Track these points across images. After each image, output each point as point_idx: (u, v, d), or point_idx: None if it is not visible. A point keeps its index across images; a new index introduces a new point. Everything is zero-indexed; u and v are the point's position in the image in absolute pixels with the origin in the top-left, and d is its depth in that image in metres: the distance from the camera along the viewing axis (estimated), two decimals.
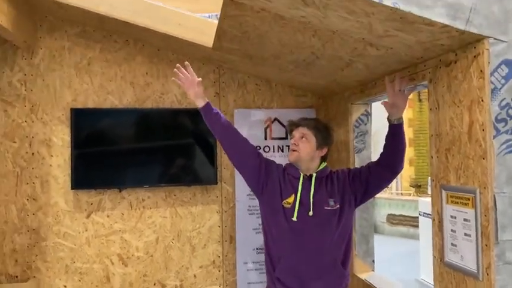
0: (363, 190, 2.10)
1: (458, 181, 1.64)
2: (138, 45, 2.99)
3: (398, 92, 1.94)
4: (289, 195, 2.07)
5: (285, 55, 2.37)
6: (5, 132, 2.82)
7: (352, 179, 2.11)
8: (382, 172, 2.08)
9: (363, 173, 2.11)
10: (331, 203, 2.05)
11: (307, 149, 2.08)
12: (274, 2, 1.66)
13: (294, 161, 2.10)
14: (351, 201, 2.10)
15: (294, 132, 2.14)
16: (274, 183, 2.11)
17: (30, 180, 2.85)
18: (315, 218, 2.02)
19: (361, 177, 2.10)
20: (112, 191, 2.94)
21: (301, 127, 2.12)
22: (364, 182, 2.09)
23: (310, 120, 2.19)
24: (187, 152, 3.04)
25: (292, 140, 2.12)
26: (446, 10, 1.44)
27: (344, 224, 2.07)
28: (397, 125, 2.00)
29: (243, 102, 3.12)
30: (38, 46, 2.88)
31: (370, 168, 2.11)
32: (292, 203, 2.05)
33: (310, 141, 2.09)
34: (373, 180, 2.09)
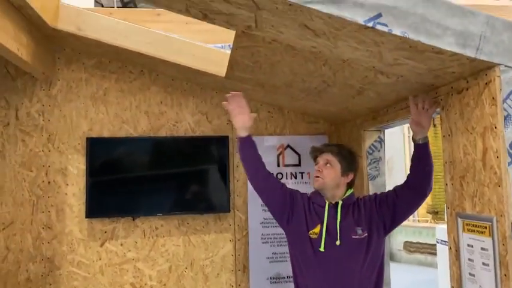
0: (391, 216, 2.03)
1: (474, 209, 1.62)
2: (152, 75, 3.06)
3: (421, 111, 1.87)
4: (315, 225, 2.02)
5: (297, 83, 2.40)
6: (23, 161, 2.88)
7: (379, 205, 2.05)
8: (409, 195, 2.00)
9: (389, 197, 2.04)
10: (359, 231, 1.99)
11: (332, 176, 2.05)
12: (285, 34, 1.69)
13: (318, 188, 2.06)
14: (380, 228, 2.03)
15: (318, 159, 2.11)
16: (300, 214, 2.07)
17: (46, 209, 2.88)
18: (342, 248, 1.96)
19: (388, 203, 2.03)
20: (126, 219, 2.96)
21: (325, 153, 2.09)
22: (392, 207, 2.02)
23: (333, 146, 2.17)
24: (200, 179, 3.05)
25: (316, 167, 2.09)
26: (455, 38, 1.45)
27: (373, 252, 1.99)
28: (422, 145, 1.93)
29: (256, 129, 3.14)
30: (56, 77, 2.97)
31: (396, 192, 2.04)
32: (318, 233, 2.00)
33: (335, 167, 2.05)
34: (400, 204, 2.01)
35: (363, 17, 1.41)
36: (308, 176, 3.12)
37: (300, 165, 3.12)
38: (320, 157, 2.10)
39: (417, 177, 1.98)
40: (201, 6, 1.64)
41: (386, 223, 2.04)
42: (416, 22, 1.43)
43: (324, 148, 2.12)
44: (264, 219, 3.04)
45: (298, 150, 3.14)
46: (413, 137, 1.96)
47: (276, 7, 1.46)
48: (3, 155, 2.86)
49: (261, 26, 1.68)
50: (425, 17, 1.44)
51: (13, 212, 2.84)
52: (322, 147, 2.14)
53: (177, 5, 1.70)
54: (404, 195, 2.01)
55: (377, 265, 2.02)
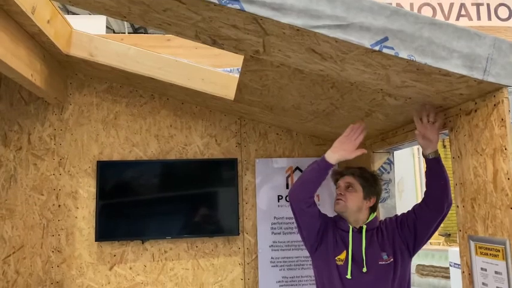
0: (413, 237, 1.98)
1: (487, 231, 1.59)
2: (162, 99, 3.10)
3: (427, 124, 1.81)
4: (340, 251, 1.98)
5: (305, 106, 2.41)
6: (34, 185, 2.91)
7: (401, 227, 2.00)
8: (428, 212, 1.93)
9: (409, 219, 1.99)
10: (385, 256, 1.94)
11: (354, 199, 2.00)
12: (292, 58, 1.72)
13: (339, 211, 2.02)
14: (404, 252, 1.98)
15: (339, 182, 2.07)
16: (328, 240, 2.02)
17: (56, 232, 2.89)
18: (369, 275, 1.91)
19: (408, 224, 1.98)
20: (135, 242, 2.95)
21: (346, 176, 2.05)
22: (413, 228, 1.97)
23: (355, 169, 2.09)
24: (209, 202, 3.05)
25: (338, 190, 2.05)
26: (462, 61, 1.46)
27: (400, 277, 1.95)
28: (433, 160, 1.86)
29: (264, 151, 3.16)
30: (68, 102, 3.02)
31: (415, 212, 1.98)
32: (344, 260, 1.95)
33: (357, 190, 2.01)
34: (421, 224, 1.96)
35: (370, 40, 1.43)
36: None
37: None
38: (341, 180, 2.05)
39: (433, 193, 1.91)
40: (210, 32, 1.68)
41: (409, 245, 1.99)
42: (422, 45, 1.44)
43: (345, 171, 2.08)
44: (273, 242, 3.02)
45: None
46: (423, 152, 1.90)
47: (283, 32, 1.49)
48: (15, 178, 2.90)
49: (269, 50, 1.71)
50: (431, 40, 1.45)
51: (23, 236, 2.86)
52: (343, 170, 2.09)
53: (187, 31, 1.74)
54: (423, 214, 1.95)
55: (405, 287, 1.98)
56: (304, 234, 2.08)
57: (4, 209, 2.86)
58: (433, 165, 1.88)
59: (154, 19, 1.70)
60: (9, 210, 2.87)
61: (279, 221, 3.04)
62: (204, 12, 1.50)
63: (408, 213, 2.03)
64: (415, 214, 1.98)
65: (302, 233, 2.09)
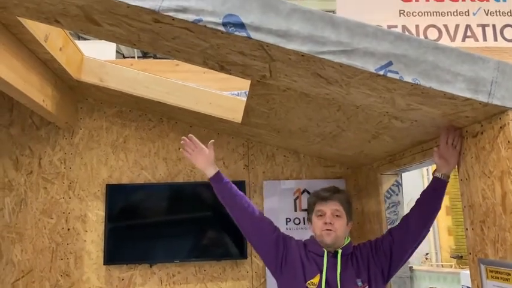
0: (389, 262, 1.88)
1: (497, 255, 1.57)
2: (171, 122, 3.14)
3: (450, 145, 1.79)
4: (314, 275, 1.84)
5: (312, 128, 2.43)
6: (44, 209, 2.94)
7: (376, 252, 1.90)
8: (409, 235, 1.86)
9: (384, 242, 1.90)
10: (360, 283, 1.84)
11: (342, 227, 1.87)
12: (298, 82, 1.75)
13: (331, 243, 1.86)
14: (378, 277, 1.88)
15: (322, 208, 1.89)
16: (295, 262, 1.88)
17: (65, 256, 2.90)
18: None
19: (384, 248, 1.89)
20: (143, 266, 2.95)
21: (331, 202, 1.88)
22: (388, 253, 1.88)
23: (340, 194, 1.94)
24: (217, 225, 3.04)
25: (323, 219, 1.87)
26: (466, 84, 1.47)
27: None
28: (442, 181, 1.82)
29: (272, 173, 3.16)
30: (78, 126, 3.07)
31: (392, 234, 1.91)
32: (317, 284, 1.82)
33: (342, 217, 1.88)
34: (397, 248, 1.87)
35: (374, 65, 1.45)
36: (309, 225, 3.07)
37: None
38: (325, 206, 1.88)
39: (425, 212, 1.86)
40: (218, 58, 1.72)
41: (384, 271, 1.90)
42: (427, 69, 1.46)
43: (329, 196, 1.90)
44: None
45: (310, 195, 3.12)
46: (435, 172, 1.85)
47: (289, 58, 1.52)
48: (26, 202, 2.93)
49: (275, 75, 1.74)
50: (435, 64, 1.47)
51: (32, 260, 2.87)
52: (329, 195, 1.90)
53: (195, 58, 1.78)
54: (401, 237, 1.88)
55: None
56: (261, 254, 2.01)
57: (14, 233, 2.89)
58: (440, 187, 1.85)
59: (163, 46, 1.75)
60: (19, 234, 2.89)
61: None
62: (212, 39, 1.54)
63: (383, 237, 1.95)
64: (392, 237, 1.90)
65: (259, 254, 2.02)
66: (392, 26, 3.53)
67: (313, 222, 1.92)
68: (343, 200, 1.92)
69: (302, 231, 3.05)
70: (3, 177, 2.95)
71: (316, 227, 1.90)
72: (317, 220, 1.89)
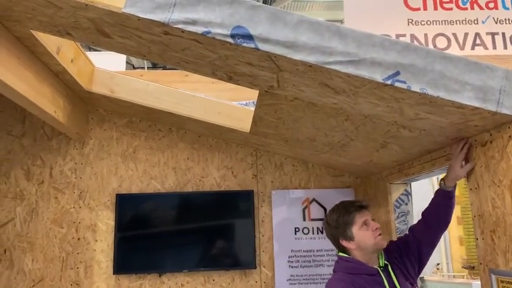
0: (418, 261, 1.99)
1: (508, 265, 1.56)
2: (180, 132, 3.17)
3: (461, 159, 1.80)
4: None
5: (320, 138, 2.44)
6: (54, 218, 2.97)
7: (407, 253, 1.99)
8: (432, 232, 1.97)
9: (411, 243, 2.00)
10: (409, 286, 1.94)
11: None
12: (306, 92, 1.76)
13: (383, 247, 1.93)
14: (414, 276, 1.98)
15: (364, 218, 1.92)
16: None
17: (75, 265, 2.92)
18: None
19: (412, 249, 1.99)
20: (152, 275, 2.95)
21: (367, 211, 1.95)
22: (417, 251, 1.98)
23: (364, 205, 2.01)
24: (225, 234, 3.05)
25: (369, 226, 1.90)
26: (474, 93, 1.47)
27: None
28: (452, 191, 1.90)
29: (280, 183, 3.16)
30: (89, 137, 3.11)
31: (416, 236, 2.00)
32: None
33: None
34: (425, 245, 1.98)
35: (382, 75, 1.46)
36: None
37: None
38: (367, 215, 1.94)
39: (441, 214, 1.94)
40: (226, 69, 1.74)
41: (416, 269, 2.00)
42: (434, 78, 1.47)
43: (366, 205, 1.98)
44: (291, 276, 2.98)
45: (324, 204, 3.12)
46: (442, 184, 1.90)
47: (297, 68, 1.53)
48: (37, 212, 2.96)
49: (283, 85, 1.75)
50: (443, 73, 1.47)
51: (43, 269, 2.89)
52: (365, 205, 1.97)
53: (204, 69, 1.81)
54: (426, 235, 1.98)
55: None
56: None
57: (25, 242, 2.92)
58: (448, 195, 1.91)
59: (172, 58, 1.77)
60: (30, 243, 2.92)
61: (296, 254, 3.02)
62: (220, 51, 1.56)
63: (408, 237, 2.03)
64: (417, 238, 1.99)
65: None
66: (400, 35, 3.53)
67: (359, 235, 1.90)
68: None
69: (311, 241, 3.05)
70: (15, 187, 2.99)
71: (366, 238, 1.90)
72: (364, 231, 1.90)
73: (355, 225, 1.91)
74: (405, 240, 2.04)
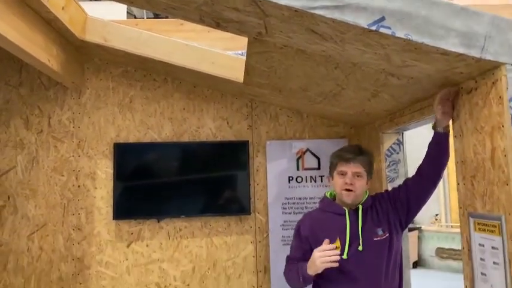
0: (406, 211, 2.03)
1: (485, 208, 1.62)
2: (175, 82, 3.18)
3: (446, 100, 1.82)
4: (334, 240, 1.95)
5: (312, 87, 2.45)
6: (55, 166, 3.05)
7: (394, 202, 2.05)
8: (423, 185, 2.00)
9: (401, 192, 2.05)
10: (380, 232, 1.99)
11: (361, 187, 2.00)
12: (294, 38, 1.76)
13: (351, 202, 2.00)
14: (397, 226, 2.03)
15: (343, 168, 2.00)
16: (318, 238, 1.96)
17: (76, 211, 3.03)
18: (365, 252, 1.94)
19: (401, 198, 2.03)
20: (151, 221, 3.07)
21: (353, 164, 2.00)
22: (405, 202, 2.02)
23: (363, 156, 2.05)
24: (222, 183, 3.13)
25: (343, 178, 1.99)
26: (460, 39, 1.47)
27: (395, 251, 2.00)
28: (444, 134, 1.91)
29: (275, 134, 3.21)
30: (85, 87, 3.13)
31: (407, 185, 2.05)
32: (341, 245, 1.95)
33: (363, 177, 2.01)
34: (414, 197, 2.02)
35: (366, 20, 1.46)
36: (328, 180, 3.14)
37: (319, 169, 3.16)
38: (347, 167, 2.00)
39: (435, 166, 1.96)
40: (213, 15, 1.73)
41: (402, 219, 2.04)
42: (419, 24, 1.46)
43: (352, 158, 2.01)
44: (284, 221, 3.09)
45: (318, 154, 3.17)
46: (438, 127, 1.91)
47: (282, 14, 1.52)
48: (37, 160, 3.04)
49: (271, 32, 1.75)
50: (428, 19, 1.46)
51: (46, 214, 3.01)
52: (352, 157, 2.01)
53: (191, 15, 1.80)
54: (417, 187, 2.01)
55: (398, 260, 2.03)
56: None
57: (28, 189, 3.02)
58: (443, 139, 1.92)
59: (159, 3, 1.76)
60: (32, 190, 3.02)
61: (289, 201, 3.11)
62: None
63: (400, 187, 2.08)
64: (408, 188, 2.03)
65: None
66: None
67: (335, 180, 2.06)
68: (365, 162, 2.04)
69: (304, 189, 3.13)
70: (15, 136, 3.05)
71: (336, 185, 2.04)
72: (338, 179, 2.03)
73: (335, 170, 2.06)
74: (396, 190, 2.10)
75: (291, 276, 2.08)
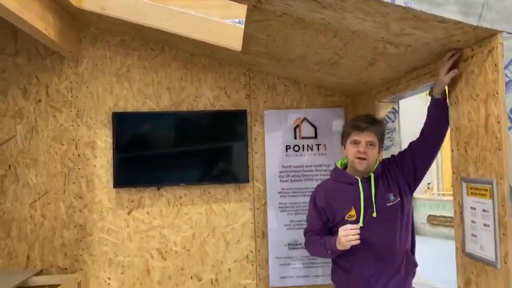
0: (413, 175, 2.09)
1: (477, 173, 1.68)
2: (172, 51, 3.17)
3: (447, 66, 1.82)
4: (349, 209, 2.04)
5: (310, 56, 2.46)
6: (54, 135, 3.07)
7: (401, 167, 2.10)
8: (427, 148, 2.04)
9: (407, 157, 2.10)
10: (392, 197, 2.04)
11: (374, 156, 2.06)
12: (293, 6, 1.76)
13: (363, 170, 2.06)
14: (406, 190, 2.09)
15: (357, 138, 2.05)
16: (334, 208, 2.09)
17: (77, 180, 3.08)
18: (379, 218, 2.01)
19: (407, 163, 2.09)
20: (151, 189, 3.13)
21: (367, 133, 2.04)
22: (412, 166, 2.07)
23: (376, 126, 2.09)
24: (220, 152, 3.17)
25: (357, 147, 2.04)
26: (458, 7, 1.49)
27: (406, 213, 2.06)
28: (441, 99, 1.93)
29: (273, 103, 3.23)
30: (82, 56, 3.12)
31: (412, 149, 2.09)
32: (356, 214, 2.02)
33: (376, 146, 2.06)
34: (419, 161, 2.07)
35: None
36: (324, 148, 3.20)
37: (316, 138, 3.21)
38: (361, 136, 2.04)
39: (437, 129, 1.99)
40: None
41: (410, 183, 2.10)
42: None
43: (366, 127, 2.04)
44: (281, 189, 3.16)
45: (315, 123, 3.21)
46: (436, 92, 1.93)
47: None
48: (37, 129, 3.06)
49: None
50: None
51: (47, 183, 3.05)
52: (366, 126, 2.05)
53: None
54: (422, 151, 2.06)
55: (410, 223, 2.10)
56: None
57: (28, 158, 3.05)
58: (442, 104, 1.94)
59: None
60: (33, 159, 3.05)
61: (286, 170, 3.17)
62: None
63: (405, 152, 2.13)
64: (413, 152, 2.08)
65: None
66: None
67: (347, 149, 2.10)
68: (378, 131, 2.08)
69: (301, 157, 3.19)
70: (13, 106, 3.06)
71: (349, 154, 2.09)
72: (351, 148, 2.08)
73: (348, 139, 2.10)
74: (402, 154, 2.15)
75: (316, 249, 2.16)
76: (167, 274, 3.11)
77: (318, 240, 2.11)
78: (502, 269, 1.53)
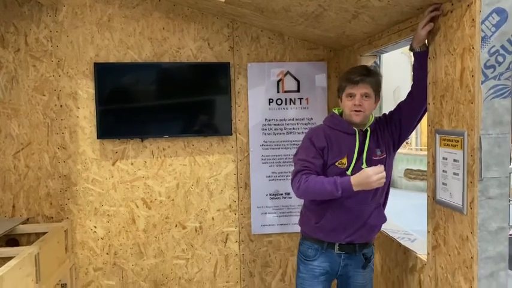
0: (399, 131, 2.16)
1: (450, 125, 1.76)
2: (154, 0, 3.11)
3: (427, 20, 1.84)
4: (342, 156, 2.08)
5: (294, 7, 2.45)
6: (35, 86, 3.04)
7: (390, 124, 2.17)
8: (415, 104, 2.08)
9: (395, 115, 2.17)
10: (378, 152, 2.11)
11: (370, 107, 2.08)
12: None
13: (360, 122, 2.10)
14: (390, 146, 2.17)
15: (351, 91, 2.07)
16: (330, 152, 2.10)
17: (60, 131, 3.08)
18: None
19: (394, 121, 2.15)
20: (135, 140, 3.16)
21: (362, 85, 2.05)
22: (398, 124, 2.15)
23: (371, 77, 2.09)
24: (204, 104, 3.19)
25: (353, 100, 2.06)
26: None
27: (388, 171, 2.10)
28: (422, 53, 1.95)
29: (256, 56, 3.23)
30: (61, 3, 3.03)
31: (400, 107, 2.16)
32: (346, 163, 2.07)
33: (371, 97, 2.08)
34: (406, 117, 2.14)
35: None
36: (307, 102, 3.25)
37: (299, 91, 3.24)
38: (356, 89, 2.06)
39: (421, 85, 2.01)
40: None
41: (395, 140, 2.18)
42: None
43: (360, 80, 2.05)
44: (264, 141, 3.23)
45: (298, 77, 3.24)
46: (412, 47, 1.96)
47: None
48: (17, 79, 3.02)
49: None
50: None
51: (30, 134, 3.05)
52: (360, 79, 2.05)
53: None
54: (409, 107, 2.12)
55: (388, 180, 2.15)
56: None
57: (9, 109, 3.02)
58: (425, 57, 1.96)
59: None
60: (14, 109, 3.03)
61: (269, 123, 3.23)
62: None
63: (394, 109, 2.21)
64: (401, 109, 2.16)
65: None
66: None
67: (343, 102, 2.14)
68: (373, 82, 2.09)
69: (284, 111, 3.24)
70: None
71: (345, 107, 2.12)
72: (347, 101, 2.11)
73: (344, 92, 2.12)
74: (391, 112, 2.22)
75: (319, 187, 2.01)
76: (152, 222, 3.21)
77: (324, 179, 2.02)
78: (468, 214, 1.65)
